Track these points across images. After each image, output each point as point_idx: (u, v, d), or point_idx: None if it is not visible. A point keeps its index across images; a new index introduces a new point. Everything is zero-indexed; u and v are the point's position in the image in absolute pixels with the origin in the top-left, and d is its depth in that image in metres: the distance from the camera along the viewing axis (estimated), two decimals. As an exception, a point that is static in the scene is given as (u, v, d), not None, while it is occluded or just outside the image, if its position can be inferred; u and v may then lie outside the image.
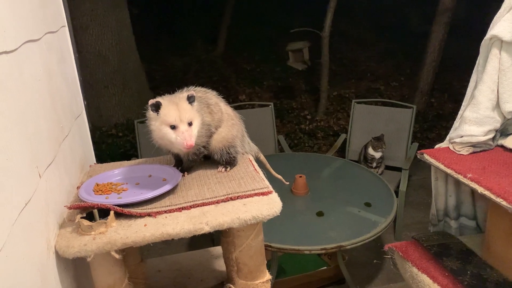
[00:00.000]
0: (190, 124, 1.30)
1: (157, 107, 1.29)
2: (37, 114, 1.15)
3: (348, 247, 2.34)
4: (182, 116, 1.28)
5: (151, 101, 1.30)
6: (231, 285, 1.71)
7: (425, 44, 5.34)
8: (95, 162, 1.79)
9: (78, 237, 1.14)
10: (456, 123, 2.03)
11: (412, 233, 2.92)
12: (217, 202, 1.27)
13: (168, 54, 7.10)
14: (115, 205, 1.20)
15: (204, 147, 1.45)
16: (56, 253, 1.13)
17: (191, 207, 1.25)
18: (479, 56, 1.95)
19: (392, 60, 7.20)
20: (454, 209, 2.13)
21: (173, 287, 1.79)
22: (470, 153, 1.92)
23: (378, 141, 3.67)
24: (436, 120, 5.47)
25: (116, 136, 4.90)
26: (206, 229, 1.18)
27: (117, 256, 1.13)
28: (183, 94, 1.34)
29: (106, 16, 4.78)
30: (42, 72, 1.25)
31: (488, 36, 1.86)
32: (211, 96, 1.50)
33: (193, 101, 1.33)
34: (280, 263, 2.88)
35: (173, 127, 1.29)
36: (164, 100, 1.31)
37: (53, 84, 1.34)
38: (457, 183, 2.05)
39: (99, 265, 1.19)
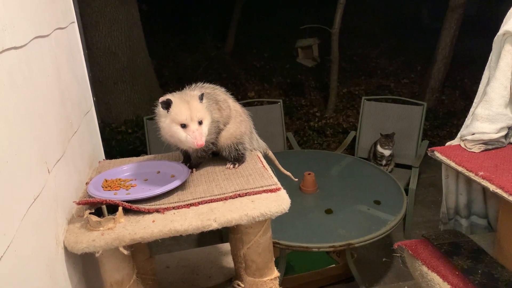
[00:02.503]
0: (200, 123, 1.29)
1: (167, 105, 1.29)
2: (46, 110, 1.16)
3: (357, 245, 2.32)
4: (193, 115, 1.27)
5: (161, 99, 1.30)
6: (239, 282, 1.72)
7: (436, 41, 5.28)
8: (104, 158, 1.80)
9: (87, 233, 1.14)
10: (467, 120, 2.01)
11: (422, 231, 2.90)
12: (225, 198, 1.27)
13: (177, 51, 7.12)
14: (124, 201, 1.21)
15: (212, 143, 1.44)
16: (65, 248, 1.14)
17: (199, 203, 1.25)
18: (491, 52, 1.92)
19: (402, 57, 7.14)
20: (465, 208, 2.11)
21: (181, 284, 1.80)
22: (482, 151, 1.89)
23: (386, 138, 3.65)
24: (447, 117, 5.42)
25: (125, 132, 4.92)
26: (214, 225, 1.17)
27: (125, 252, 1.14)
28: (194, 92, 1.33)
29: (116, 13, 4.80)
30: (51, 68, 1.25)
31: (501, 32, 1.83)
32: (220, 93, 1.49)
33: (202, 99, 1.33)
34: (289, 261, 2.88)
35: (183, 126, 1.28)
36: (174, 97, 1.31)
37: (62, 80, 1.34)
38: (468, 181, 2.02)
39: (107, 260, 1.19)
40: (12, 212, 0.88)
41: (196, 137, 1.26)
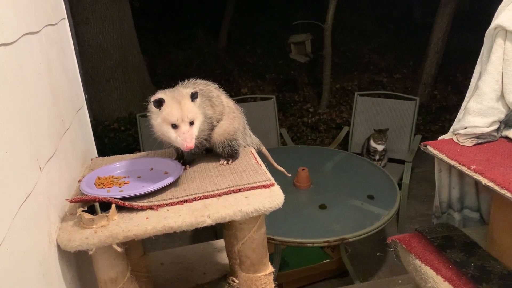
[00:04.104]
0: (191, 123, 1.29)
1: (159, 104, 1.28)
2: (37, 107, 1.15)
3: (351, 239, 2.33)
4: (184, 116, 1.26)
5: (153, 97, 1.29)
6: (233, 278, 1.72)
7: (429, 36, 5.30)
8: (96, 155, 1.79)
9: (80, 231, 1.13)
10: (460, 115, 2.01)
11: (415, 225, 2.91)
12: (219, 195, 1.26)
13: (170, 48, 7.08)
14: (117, 198, 1.20)
15: (206, 140, 1.44)
16: (58, 246, 1.13)
17: (193, 200, 1.24)
18: (483, 46, 1.93)
19: (395, 52, 7.16)
20: (457, 201, 2.12)
21: (176, 280, 1.79)
22: (474, 145, 1.90)
23: (379, 133, 3.66)
24: (440, 112, 5.44)
25: (118, 130, 4.90)
26: (208, 222, 1.17)
27: (118, 249, 1.13)
28: (186, 90, 1.32)
29: (107, 9, 4.76)
30: (42, 65, 1.24)
31: (492, 26, 1.84)
32: (213, 89, 1.49)
33: (196, 97, 1.32)
34: (283, 256, 2.88)
35: (174, 126, 1.27)
36: (166, 96, 1.29)
37: (53, 77, 1.33)
38: (461, 174, 2.03)
39: (101, 258, 1.18)
40: (4, 210, 0.87)
41: (185, 139, 1.26)
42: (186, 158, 1.47)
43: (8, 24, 1.00)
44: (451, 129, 2.04)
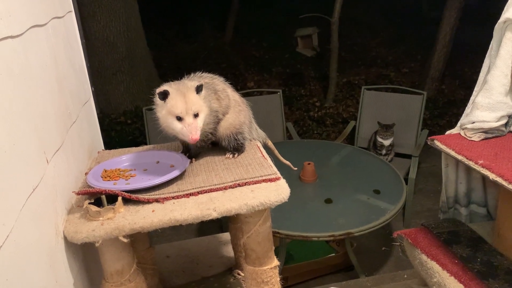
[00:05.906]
0: (196, 115, 1.29)
1: (164, 96, 1.28)
2: (44, 100, 1.15)
3: (357, 234, 2.33)
4: (188, 108, 1.27)
5: (158, 89, 1.29)
6: (239, 271, 1.73)
7: (436, 30, 5.25)
8: (103, 148, 1.79)
9: (86, 223, 1.14)
10: (467, 109, 2.00)
11: (422, 220, 2.91)
12: (225, 188, 1.27)
13: (176, 41, 7.08)
14: (123, 191, 1.21)
15: (211, 133, 1.44)
16: (65, 238, 1.14)
17: (198, 193, 1.25)
18: (492, 40, 1.91)
19: (402, 46, 7.09)
20: (464, 196, 2.11)
21: (182, 273, 1.80)
22: (482, 139, 1.89)
23: (385, 128, 3.64)
24: (447, 107, 5.40)
25: (124, 123, 4.91)
26: (214, 215, 1.17)
27: (125, 240, 1.13)
28: (191, 83, 1.32)
29: (114, 3, 4.76)
30: (49, 58, 1.24)
31: (502, 19, 1.81)
32: (218, 82, 1.48)
33: (201, 90, 1.32)
34: (288, 250, 2.89)
35: (179, 118, 1.28)
36: (171, 88, 1.30)
37: (60, 70, 1.33)
38: (468, 169, 2.02)
39: (107, 250, 1.19)
40: (11, 202, 0.88)
41: (191, 131, 1.26)
42: (192, 152, 1.47)
43: (16, 16, 1.00)
44: (458, 124, 2.02)
